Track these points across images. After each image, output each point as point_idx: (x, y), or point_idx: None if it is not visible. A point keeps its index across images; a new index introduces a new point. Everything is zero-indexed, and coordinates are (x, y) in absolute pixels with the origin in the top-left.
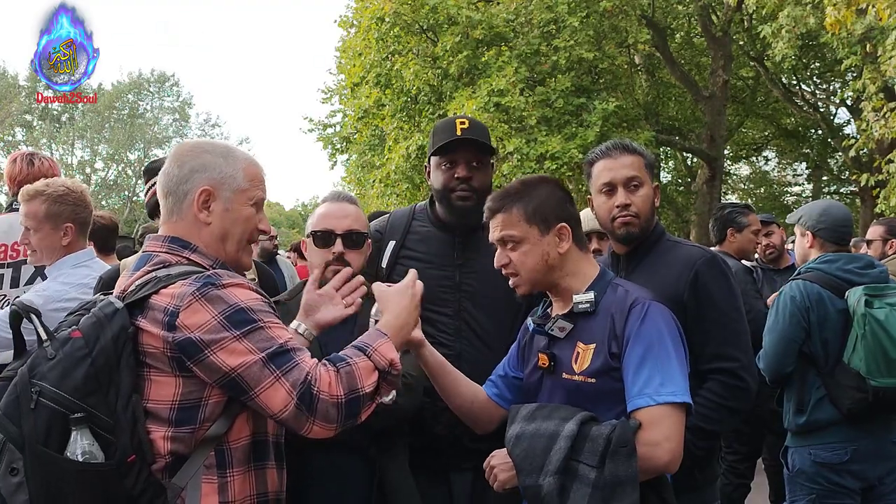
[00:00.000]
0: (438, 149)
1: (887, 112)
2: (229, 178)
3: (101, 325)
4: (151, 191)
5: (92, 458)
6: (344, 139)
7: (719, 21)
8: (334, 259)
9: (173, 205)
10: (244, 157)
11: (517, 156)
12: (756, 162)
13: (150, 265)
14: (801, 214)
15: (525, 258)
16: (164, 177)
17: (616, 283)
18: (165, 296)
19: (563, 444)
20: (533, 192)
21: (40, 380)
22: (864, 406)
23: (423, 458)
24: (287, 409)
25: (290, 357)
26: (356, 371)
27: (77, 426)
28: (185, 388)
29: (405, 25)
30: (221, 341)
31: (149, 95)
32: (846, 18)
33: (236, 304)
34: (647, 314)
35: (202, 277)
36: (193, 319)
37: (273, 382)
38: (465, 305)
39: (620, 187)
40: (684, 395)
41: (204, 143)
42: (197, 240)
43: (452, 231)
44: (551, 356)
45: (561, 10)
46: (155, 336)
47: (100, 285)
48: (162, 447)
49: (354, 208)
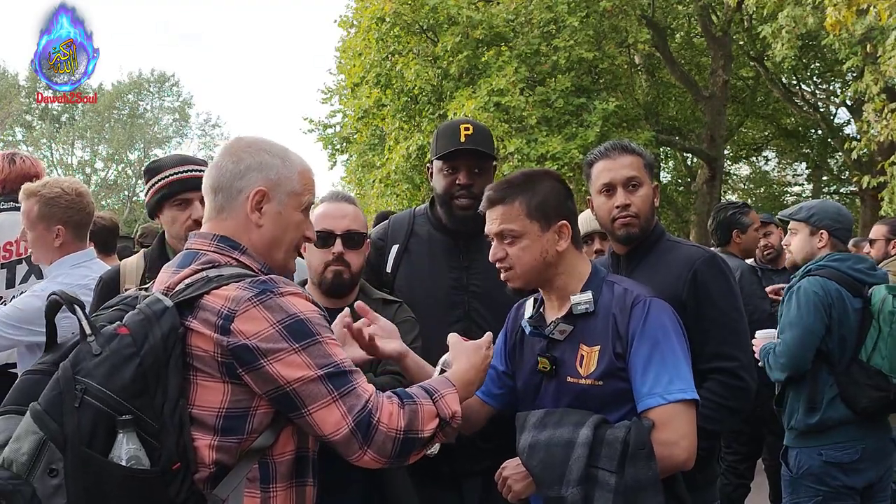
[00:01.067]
0: (441, 155)
1: (888, 113)
2: (285, 181)
3: (149, 322)
4: (152, 191)
5: (138, 463)
6: (344, 139)
7: (719, 21)
8: (334, 259)
9: (224, 201)
10: (300, 162)
11: (518, 156)
12: (756, 162)
13: (198, 264)
14: (813, 213)
15: (523, 254)
16: (217, 171)
17: (611, 281)
18: (219, 297)
19: (581, 452)
20: (536, 187)
21: (85, 376)
22: (881, 405)
23: (434, 463)
24: (340, 433)
25: (348, 380)
26: (420, 411)
27: (124, 429)
28: (234, 395)
29: (405, 25)
30: (279, 352)
31: (149, 95)
32: (846, 19)
33: (295, 314)
34: (650, 311)
35: (258, 282)
36: (250, 326)
37: (329, 403)
38: (473, 306)
39: (620, 188)
40: (693, 391)
41: (262, 142)
42: (246, 241)
43: (454, 234)
44: (552, 359)
45: (561, 10)
46: (206, 338)
47: (100, 285)
48: (206, 456)
49: (353, 208)
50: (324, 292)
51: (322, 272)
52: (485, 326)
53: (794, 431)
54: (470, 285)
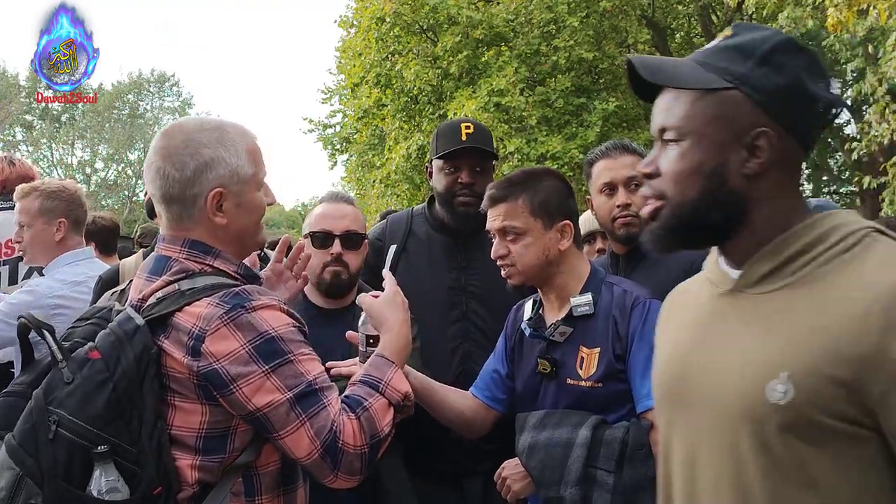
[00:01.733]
0: (443, 153)
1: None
2: (237, 171)
3: (121, 344)
4: None
5: (116, 493)
6: (343, 139)
7: (719, 21)
8: (332, 260)
9: (181, 211)
10: (240, 135)
11: (518, 156)
12: None
13: (171, 274)
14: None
15: (525, 251)
16: (162, 180)
17: (610, 282)
18: (190, 315)
19: (579, 453)
20: (539, 185)
21: (58, 407)
22: None
23: (436, 463)
24: (311, 458)
25: (317, 398)
26: (374, 415)
27: (100, 461)
28: (213, 416)
29: (405, 25)
30: (249, 376)
31: (149, 95)
32: (848, 19)
33: (266, 332)
34: (649, 312)
35: (231, 296)
36: (220, 346)
37: (298, 427)
38: (471, 306)
39: (621, 187)
40: None
41: (195, 134)
42: (215, 242)
43: (453, 233)
44: (552, 361)
45: (561, 10)
46: (178, 361)
47: (100, 285)
48: (189, 476)
49: (352, 208)
50: (322, 292)
51: (320, 273)
52: (483, 326)
53: None
54: (468, 285)
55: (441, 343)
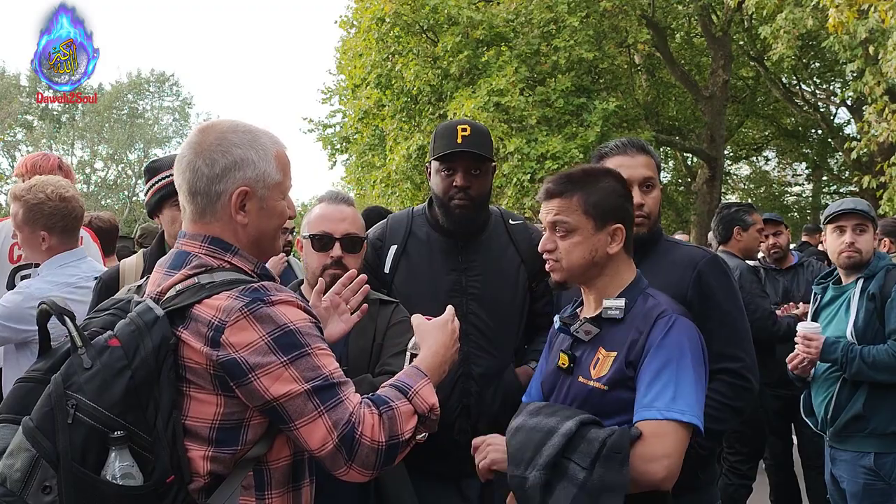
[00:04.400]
0: (438, 156)
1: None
2: (264, 174)
3: (140, 333)
4: (152, 191)
5: (131, 480)
6: (343, 139)
7: (719, 21)
8: (331, 263)
9: (205, 206)
10: (271, 142)
11: (517, 156)
12: (756, 162)
13: (190, 268)
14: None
15: (572, 249)
16: (191, 174)
17: (648, 293)
18: (210, 307)
19: (556, 441)
20: (597, 184)
21: (76, 391)
22: None
23: (436, 464)
24: (325, 448)
25: (335, 392)
26: (398, 416)
27: (116, 446)
28: (227, 408)
29: (405, 26)
30: (267, 366)
31: (148, 95)
32: (848, 19)
33: (285, 325)
34: (673, 328)
35: (250, 290)
36: (240, 338)
37: (315, 418)
38: (471, 308)
39: (636, 186)
40: (693, 416)
41: (228, 134)
42: (235, 241)
43: (453, 234)
44: (571, 357)
45: (561, 10)
46: (197, 351)
47: (99, 286)
48: (201, 467)
49: (352, 210)
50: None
51: (319, 275)
52: (483, 328)
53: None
54: (468, 287)
55: None
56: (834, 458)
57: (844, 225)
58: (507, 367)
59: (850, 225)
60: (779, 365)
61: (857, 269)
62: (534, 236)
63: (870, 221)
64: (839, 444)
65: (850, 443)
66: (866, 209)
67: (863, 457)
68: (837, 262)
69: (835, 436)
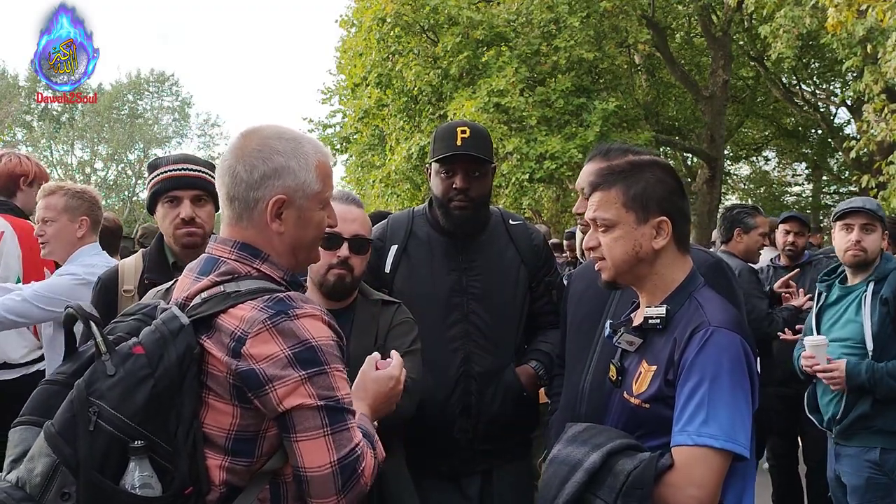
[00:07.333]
0: (438, 158)
1: (888, 114)
2: (304, 184)
3: (165, 342)
4: (148, 187)
5: (149, 490)
6: (343, 139)
7: (719, 21)
8: (338, 263)
9: (242, 210)
10: (314, 151)
11: (517, 155)
12: (756, 162)
13: (217, 275)
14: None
15: (614, 244)
16: (230, 178)
17: (695, 297)
18: (234, 318)
19: (578, 477)
20: (639, 175)
21: (99, 398)
22: None
23: (436, 463)
24: (322, 471)
25: (343, 417)
26: (375, 462)
27: (136, 455)
28: (243, 419)
29: (406, 26)
30: (284, 378)
31: (148, 95)
32: (847, 19)
33: (307, 340)
34: (708, 342)
35: (275, 302)
36: (261, 350)
37: (318, 437)
38: (472, 308)
39: None
40: (728, 441)
41: (272, 139)
42: (268, 248)
43: (453, 235)
44: (620, 369)
45: (561, 10)
46: (219, 360)
47: (98, 286)
48: (217, 477)
49: (361, 212)
50: (324, 294)
51: (325, 274)
52: (483, 328)
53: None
54: (469, 287)
55: (442, 345)
56: (838, 453)
57: (852, 223)
58: (507, 367)
59: (858, 223)
60: (777, 364)
61: (862, 268)
62: (534, 236)
63: (878, 221)
64: (845, 441)
65: (856, 439)
66: (875, 208)
67: (868, 451)
68: (843, 260)
69: (841, 433)
